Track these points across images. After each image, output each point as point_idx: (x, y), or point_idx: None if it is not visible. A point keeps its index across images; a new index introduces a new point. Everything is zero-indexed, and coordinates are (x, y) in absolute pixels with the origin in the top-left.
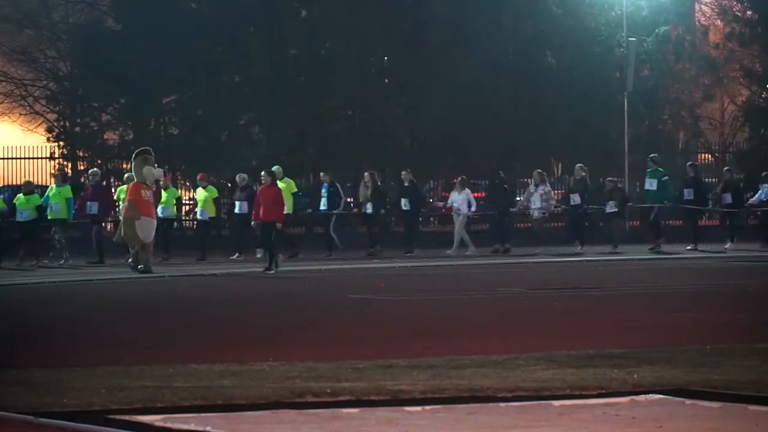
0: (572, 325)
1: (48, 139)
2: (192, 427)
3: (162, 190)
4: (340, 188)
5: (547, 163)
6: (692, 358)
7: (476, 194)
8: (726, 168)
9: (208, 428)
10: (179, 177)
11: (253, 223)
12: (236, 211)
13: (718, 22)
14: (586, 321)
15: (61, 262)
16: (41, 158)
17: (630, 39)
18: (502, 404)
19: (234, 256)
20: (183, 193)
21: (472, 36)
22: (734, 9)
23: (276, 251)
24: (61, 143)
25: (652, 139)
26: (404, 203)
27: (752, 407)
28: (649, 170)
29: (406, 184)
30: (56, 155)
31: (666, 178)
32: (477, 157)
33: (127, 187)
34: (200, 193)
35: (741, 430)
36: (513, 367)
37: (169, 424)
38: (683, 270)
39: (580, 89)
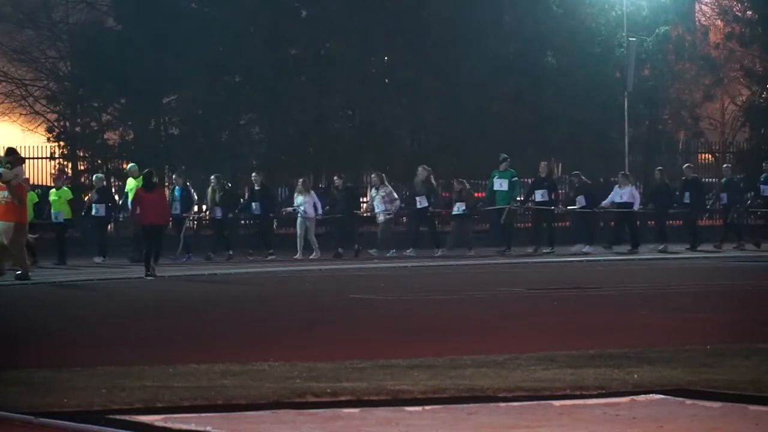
0: (572, 325)
1: (48, 139)
2: (192, 427)
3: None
4: (192, 191)
5: (548, 163)
6: (692, 358)
7: (478, 194)
8: (574, 172)
9: (208, 428)
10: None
11: (135, 225)
12: (93, 213)
13: (719, 22)
14: (586, 321)
15: None
16: (41, 158)
17: (630, 39)
18: (502, 404)
19: (97, 260)
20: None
21: (472, 36)
22: (734, 9)
23: (159, 255)
24: (62, 143)
25: (652, 139)
26: (255, 207)
27: (752, 407)
28: (498, 170)
29: (257, 187)
30: (56, 155)
31: (516, 178)
32: (477, 157)
33: None
34: (53, 195)
35: (741, 430)
36: (513, 367)
37: (169, 424)
38: (683, 270)
39: (580, 89)
